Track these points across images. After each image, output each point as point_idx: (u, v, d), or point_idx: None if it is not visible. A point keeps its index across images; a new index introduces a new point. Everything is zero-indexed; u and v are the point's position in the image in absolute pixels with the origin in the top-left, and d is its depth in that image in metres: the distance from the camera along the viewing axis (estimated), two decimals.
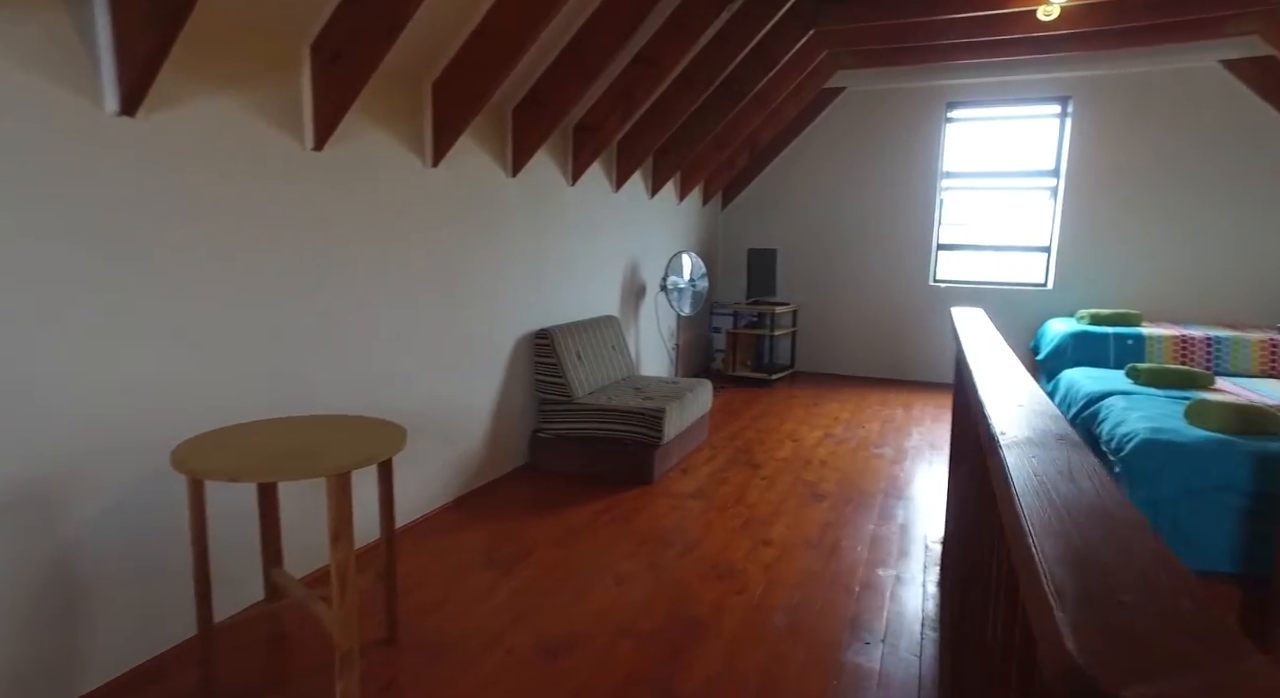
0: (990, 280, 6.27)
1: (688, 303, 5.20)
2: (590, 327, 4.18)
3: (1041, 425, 0.99)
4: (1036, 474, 0.77)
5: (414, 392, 3.00)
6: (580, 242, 4.29)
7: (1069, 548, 0.57)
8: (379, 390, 2.80)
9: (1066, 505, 0.67)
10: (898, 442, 4.50)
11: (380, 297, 2.77)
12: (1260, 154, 5.42)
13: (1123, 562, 0.54)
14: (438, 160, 2.92)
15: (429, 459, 3.15)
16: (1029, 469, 0.78)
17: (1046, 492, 0.71)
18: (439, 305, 3.11)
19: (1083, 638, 0.45)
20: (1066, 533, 0.61)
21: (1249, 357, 4.75)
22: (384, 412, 2.83)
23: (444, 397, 3.20)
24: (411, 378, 2.97)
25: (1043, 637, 0.50)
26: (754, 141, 6.08)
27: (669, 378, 4.44)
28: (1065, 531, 0.61)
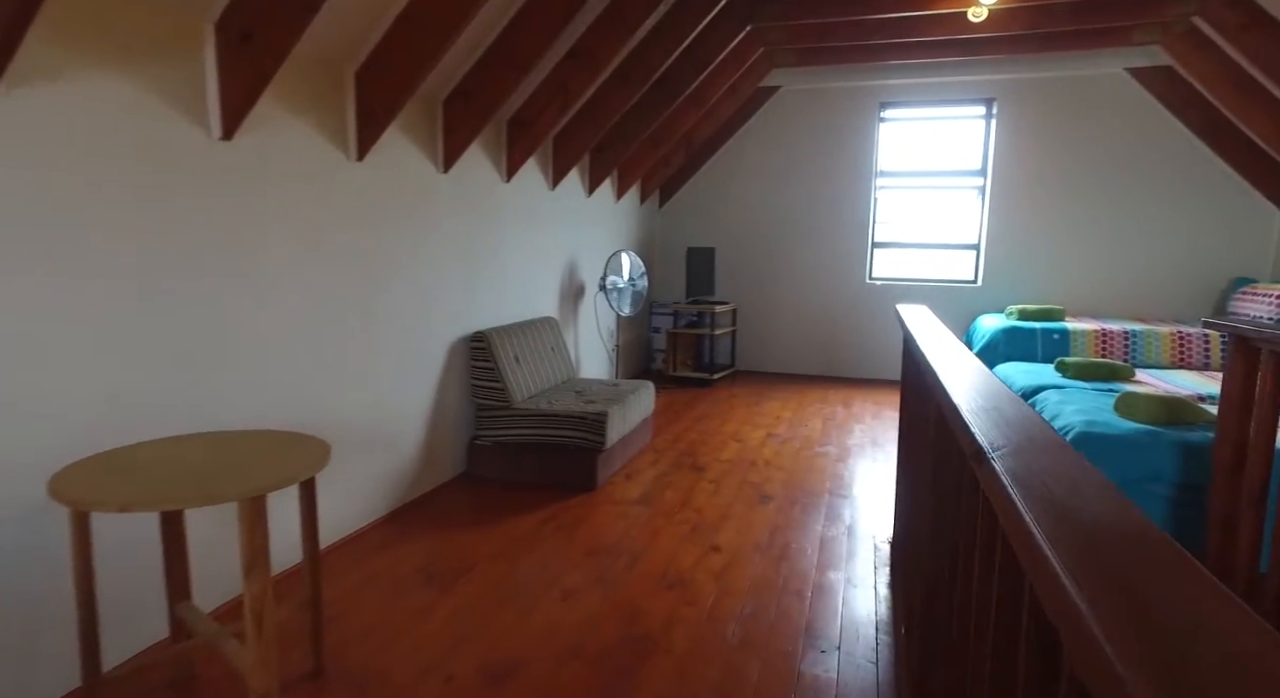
0: (924, 278, 6.38)
1: (628, 303, 5.10)
2: (528, 329, 4.03)
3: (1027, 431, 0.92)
4: (1047, 491, 0.69)
5: (341, 401, 2.80)
6: (517, 240, 4.13)
7: (1122, 598, 0.48)
8: (301, 402, 2.60)
9: (1093, 531, 0.59)
10: (840, 440, 4.50)
11: (302, 300, 2.56)
12: (1163, 158, 5.68)
13: (1190, 618, 0.46)
14: (363, 154, 2.73)
15: (359, 472, 2.95)
16: (1038, 485, 0.70)
17: (1065, 515, 0.63)
18: (367, 309, 2.91)
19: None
20: (1106, 571, 0.52)
21: (1161, 349, 4.95)
22: (307, 424, 2.63)
23: (374, 405, 3.00)
24: (338, 387, 2.78)
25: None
26: (690, 140, 6.02)
27: (610, 380, 4.33)
28: (1107, 569, 0.52)
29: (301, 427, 2.60)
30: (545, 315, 4.43)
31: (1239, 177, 5.59)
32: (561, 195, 4.70)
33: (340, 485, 2.84)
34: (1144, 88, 5.65)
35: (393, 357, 3.10)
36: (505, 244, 4.00)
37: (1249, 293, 5.17)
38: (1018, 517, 0.66)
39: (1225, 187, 5.62)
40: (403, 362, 3.18)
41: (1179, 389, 3.96)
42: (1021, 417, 1.00)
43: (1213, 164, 5.61)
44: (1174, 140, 5.65)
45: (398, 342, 3.13)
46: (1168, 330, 5.00)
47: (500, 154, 3.88)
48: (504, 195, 3.96)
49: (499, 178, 3.90)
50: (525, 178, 4.19)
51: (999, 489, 0.75)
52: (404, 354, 3.18)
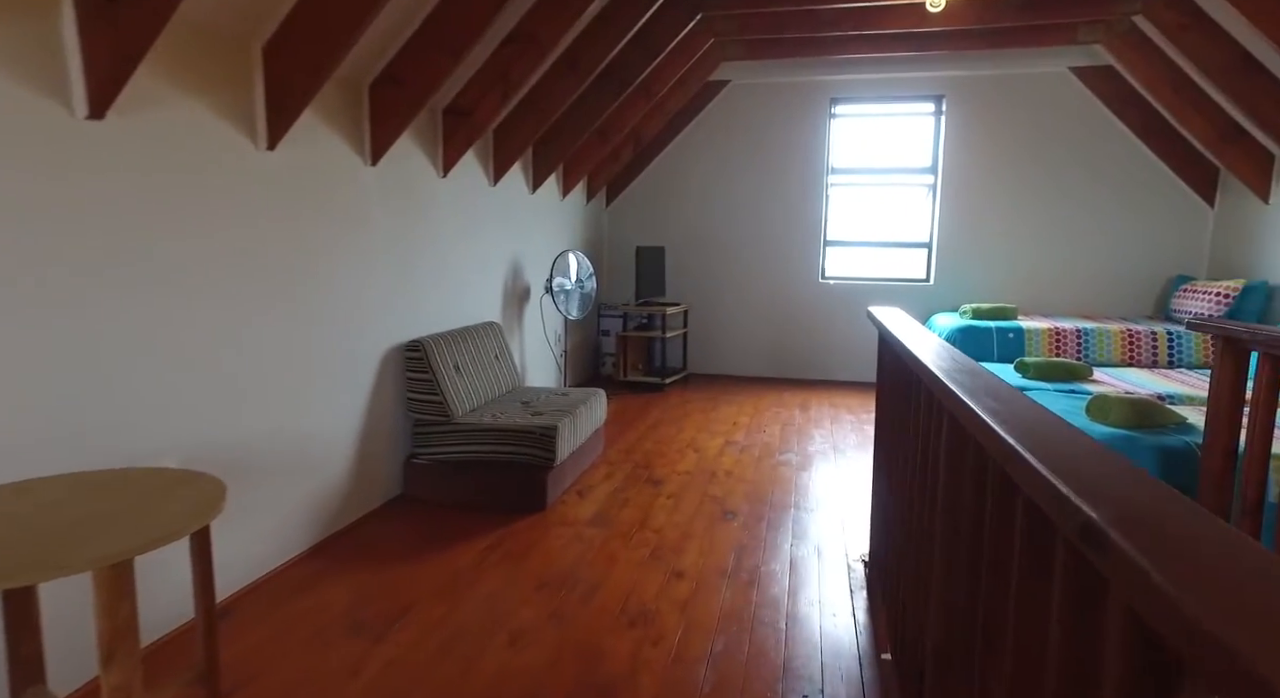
0: (876, 277, 6.29)
1: (576, 305, 4.83)
2: (470, 335, 3.73)
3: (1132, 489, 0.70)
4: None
5: (254, 422, 2.46)
6: (456, 240, 3.82)
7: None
8: (204, 426, 2.25)
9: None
10: (801, 446, 4.33)
11: (205, 307, 2.22)
12: (1105, 158, 5.71)
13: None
14: (275, 141, 2.40)
15: (278, 501, 2.61)
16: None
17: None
18: (284, 315, 2.57)
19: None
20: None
21: (1112, 346, 4.95)
22: (211, 451, 2.29)
23: (295, 425, 2.67)
24: (250, 406, 2.43)
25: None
26: (639, 135, 5.79)
27: (558, 389, 4.05)
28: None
29: (207, 454, 2.26)
30: (488, 320, 4.13)
31: (1175, 176, 5.65)
32: (503, 192, 4.40)
33: (254, 518, 2.50)
34: (1086, 87, 5.66)
35: (317, 369, 2.77)
36: (443, 244, 3.69)
37: (1190, 290, 5.22)
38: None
39: (1163, 186, 5.67)
40: (329, 375, 2.84)
41: (1138, 389, 3.91)
42: (1108, 461, 0.78)
43: (1151, 164, 5.66)
44: (1115, 140, 5.68)
45: (322, 352, 2.79)
46: (1117, 328, 4.99)
47: (436, 146, 3.57)
48: (441, 191, 3.65)
49: (435, 172, 3.59)
50: (464, 173, 3.88)
51: (1143, 590, 0.52)
52: (330, 366, 2.85)
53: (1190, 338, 4.83)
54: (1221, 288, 4.94)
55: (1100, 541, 0.58)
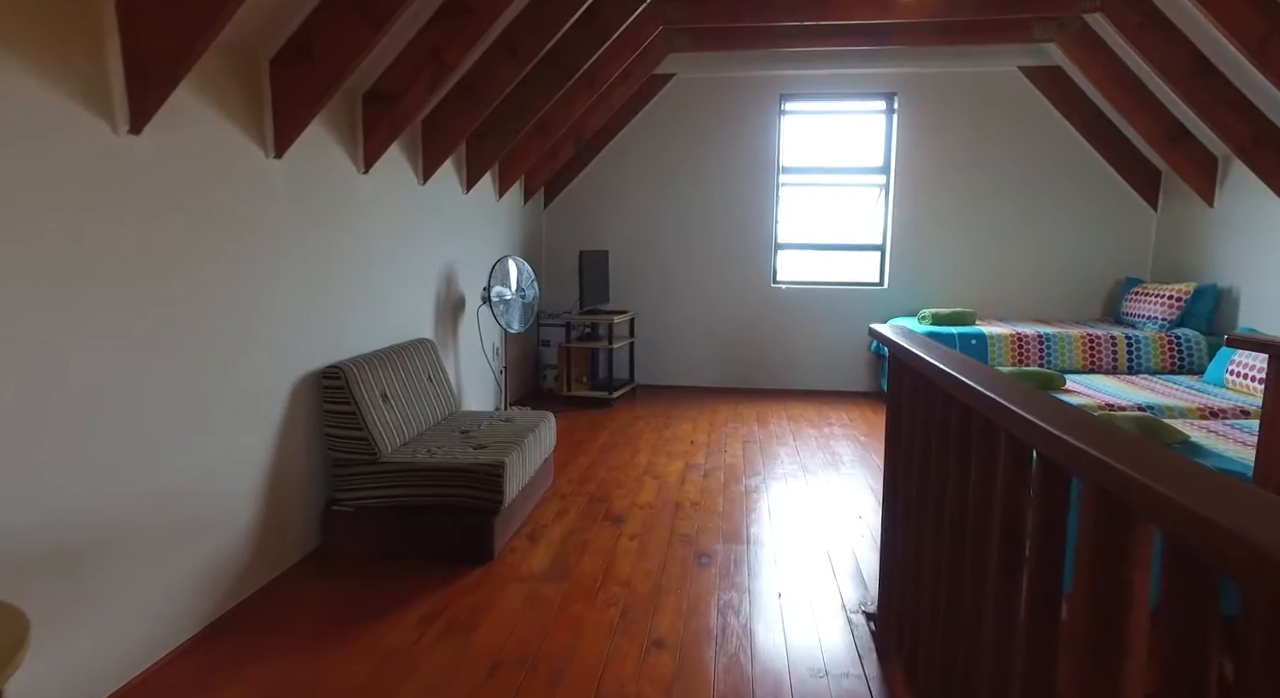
0: (829, 281, 6.05)
1: (517, 317, 4.37)
2: (399, 355, 3.23)
3: None
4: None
5: (125, 481, 1.93)
6: (381, 246, 3.32)
7: None
8: (52, 494, 1.72)
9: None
10: (768, 467, 3.99)
11: (50, 336, 1.69)
12: (1054, 159, 5.62)
13: None
14: (140, 124, 1.87)
15: (152, 580, 2.08)
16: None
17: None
18: (163, 344, 2.05)
19: None
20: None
21: (1073, 351, 4.83)
22: (52, 531, 1.75)
23: (179, 479, 2.14)
24: (119, 461, 1.91)
25: None
26: (580, 131, 5.36)
27: (501, 413, 3.60)
28: None
29: (53, 530, 1.72)
30: (419, 337, 3.63)
31: (1120, 178, 5.62)
32: (434, 192, 3.91)
33: (120, 607, 1.97)
34: (1035, 87, 5.56)
35: (205, 409, 2.24)
36: (366, 251, 3.18)
37: (1140, 293, 5.17)
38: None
39: (1108, 188, 5.63)
40: (222, 414, 2.32)
41: (1115, 399, 3.74)
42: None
43: (1097, 166, 5.61)
44: (1062, 141, 5.60)
45: (214, 387, 2.27)
46: (1078, 333, 4.88)
47: (355, 137, 3.06)
48: (362, 190, 3.14)
49: (354, 167, 3.08)
50: (389, 169, 3.38)
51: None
52: (224, 404, 2.32)
53: (1149, 342, 4.75)
54: (1173, 291, 4.88)
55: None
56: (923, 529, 1.81)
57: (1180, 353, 4.68)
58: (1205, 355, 4.63)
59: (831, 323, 5.93)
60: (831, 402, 5.62)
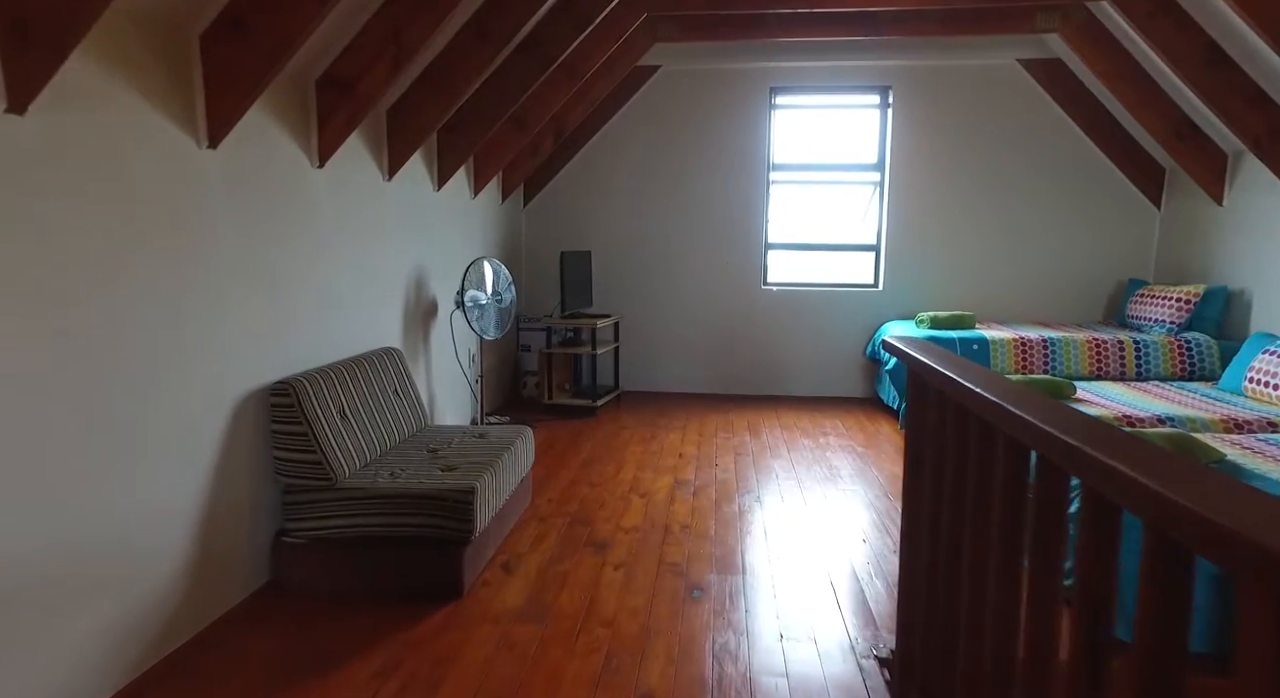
0: (822, 282, 5.81)
1: (493, 323, 4.08)
2: (360, 367, 2.94)
3: None
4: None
5: (34, 523, 1.64)
6: (340, 247, 3.03)
7: None
8: None
9: None
10: (762, 483, 3.74)
11: None
12: (1053, 155, 5.42)
13: None
14: (23, 103, 1.58)
15: (66, 628, 1.79)
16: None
17: None
18: (62, 362, 1.76)
19: None
20: None
21: (1079, 357, 4.61)
22: None
23: (93, 517, 1.85)
24: (27, 500, 1.61)
25: None
26: (561, 124, 5.08)
27: (474, 428, 3.31)
28: None
29: None
30: (385, 346, 3.34)
31: (1122, 176, 5.42)
32: (402, 189, 3.62)
33: (25, 661, 1.67)
34: (1035, 80, 5.35)
35: (128, 438, 1.95)
36: (322, 252, 2.89)
37: (1146, 295, 4.97)
38: None
39: (1110, 186, 5.43)
40: (148, 442, 2.02)
41: (1131, 410, 3.52)
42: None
43: (1099, 162, 5.40)
44: (1063, 137, 5.39)
45: (135, 413, 1.98)
46: (1083, 338, 4.66)
47: (308, 127, 2.77)
48: (317, 185, 2.85)
49: (308, 161, 2.79)
50: (349, 163, 3.09)
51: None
52: (149, 431, 2.03)
53: (1158, 347, 4.54)
54: (1181, 293, 4.68)
55: None
56: (956, 575, 1.56)
57: (1191, 358, 4.47)
58: (1217, 361, 4.43)
59: (824, 327, 5.70)
60: (825, 409, 5.38)
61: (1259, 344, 3.92)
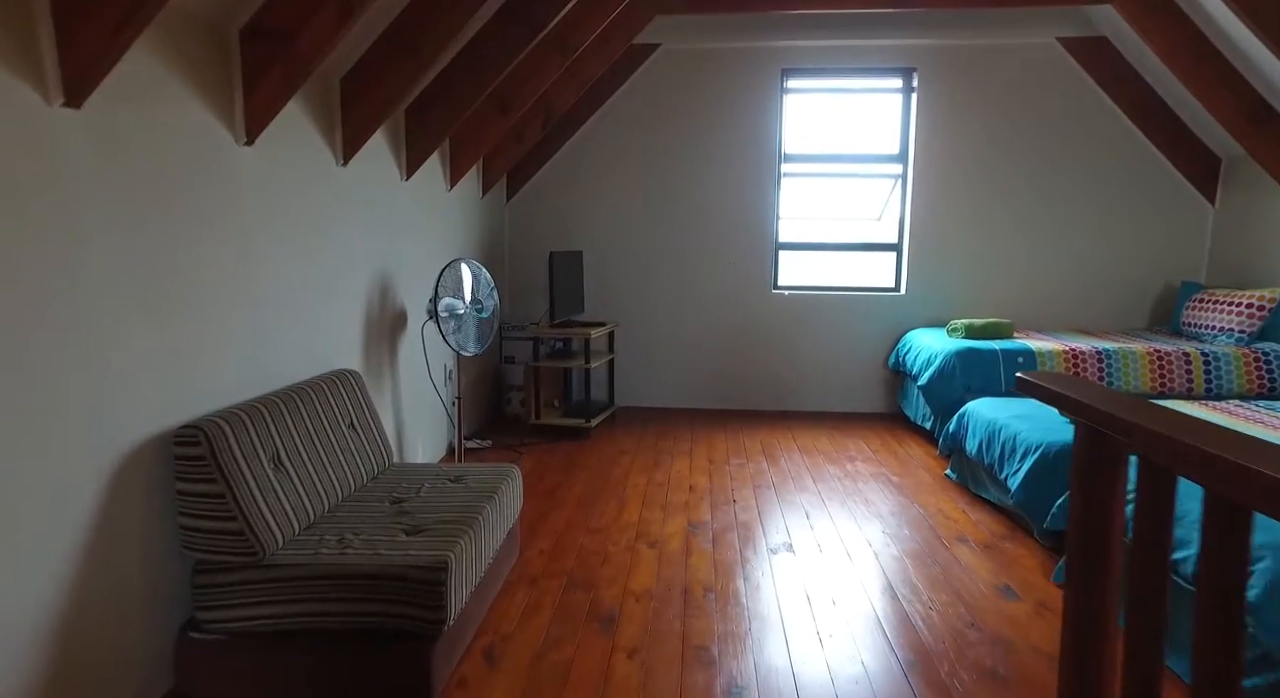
0: (838, 286, 5.25)
1: (472, 337, 3.47)
2: (303, 399, 2.33)
3: None
4: None
5: None
6: (275, 246, 2.41)
7: None
8: None
9: None
10: (792, 524, 3.16)
11: None
12: (1096, 145, 4.89)
13: None
14: None
15: None
16: None
17: None
18: None
19: None
20: None
21: (1139, 371, 4.08)
22: None
23: None
24: None
25: None
26: (549, 107, 4.48)
27: (450, 469, 2.70)
28: None
29: None
30: (339, 369, 2.72)
31: (1173, 167, 4.91)
32: (362, 176, 3.00)
33: None
34: (1076, 62, 4.82)
35: None
36: (253, 254, 2.27)
37: (1205, 300, 4.46)
38: None
39: (1159, 178, 4.91)
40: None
41: None
42: None
43: (1147, 152, 4.89)
44: (1106, 125, 4.88)
45: None
46: (1142, 349, 4.14)
47: (229, 90, 2.15)
48: (242, 167, 2.23)
49: (229, 135, 2.16)
50: (290, 141, 2.47)
51: None
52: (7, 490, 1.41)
53: (1229, 359, 4.02)
54: (1251, 298, 4.17)
55: None
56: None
57: (1270, 373, 3.96)
58: None
59: (841, 335, 5.14)
60: (845, 427, 4.82)
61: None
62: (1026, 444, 3.02)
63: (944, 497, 3.54)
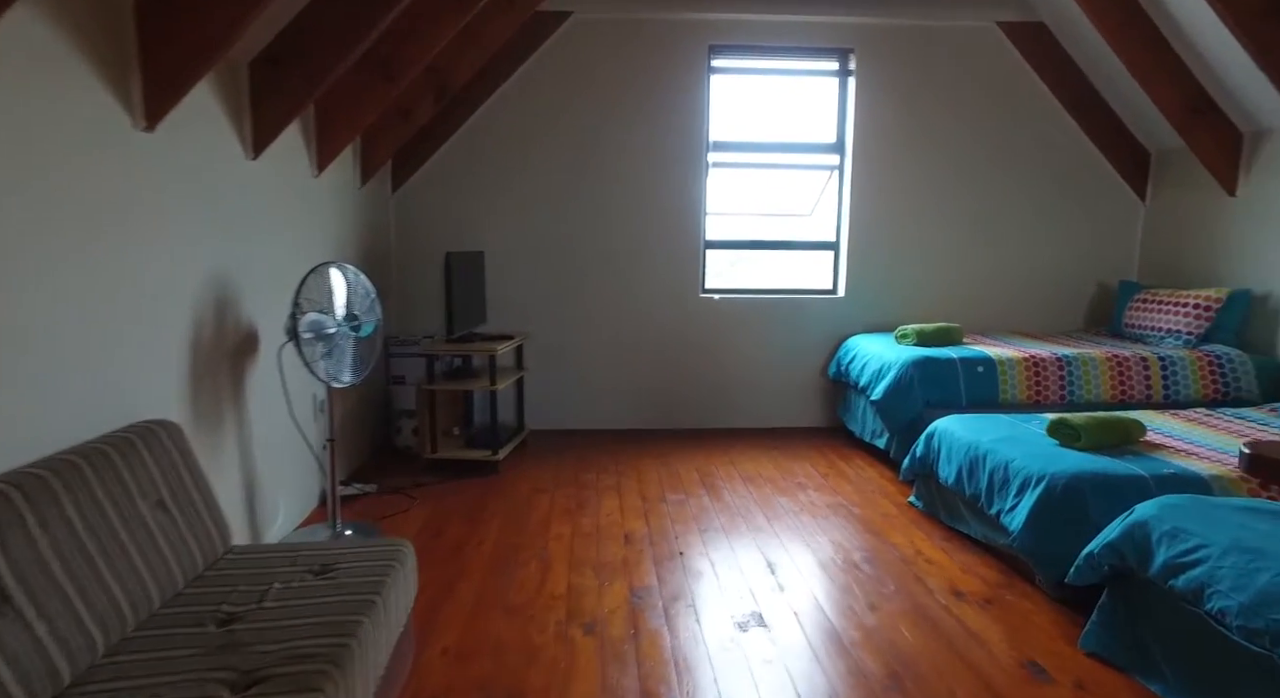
0: (771, 288, 4.77)
1: (348, 364, 2.71)
2: (68, 478, 1.54)
3: None
4: None
5: None
6: (41, 256, 1.60)
7: None
8: None
9: None
10: (754, 583, 2.59)
11: None
12: (1033, 137, 4.63)
13: None
14: None
15: None
16: None
17: None
18: None
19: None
20: None
21: (1100, 378, 3.80)
22: None
23: None
24: None
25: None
26: (444, 79, 3.74)
27: (315, 552, 1.96)
28: None
29: None
30: (142, 422, 1.92)
31: (1106, 162, 4.72)
32: (184, 151, 2.20)
33: None
34: (1015, 47, 4.54)
35: None
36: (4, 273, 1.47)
37: (1149, 300, 4.25)
38: None
39: (1093, 173, 4.72)
40: None
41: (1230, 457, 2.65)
42: None
43: (1081, 146, 4.68)
44: (1044, 116, 4.62)
45: None
46: (1100, 354, 3.85)
47: None
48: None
49: None
50: (51, 91, 1.66)
51: None
52: None
53: (1185, 363, 3.79)
54: (1198, 299, 3.97)
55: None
56: None
57: (1223, 377, 3.75)
58: (1255, 380, 3.73)
59: (776, 342, 4.66)
60: (786, 446, 4.33)
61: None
62: (1024, 475, 2.58)
63: (916, 533, 3.08)
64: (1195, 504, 2.09)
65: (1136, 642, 2.08)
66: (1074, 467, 2.50)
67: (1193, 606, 1.89)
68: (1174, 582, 1.93)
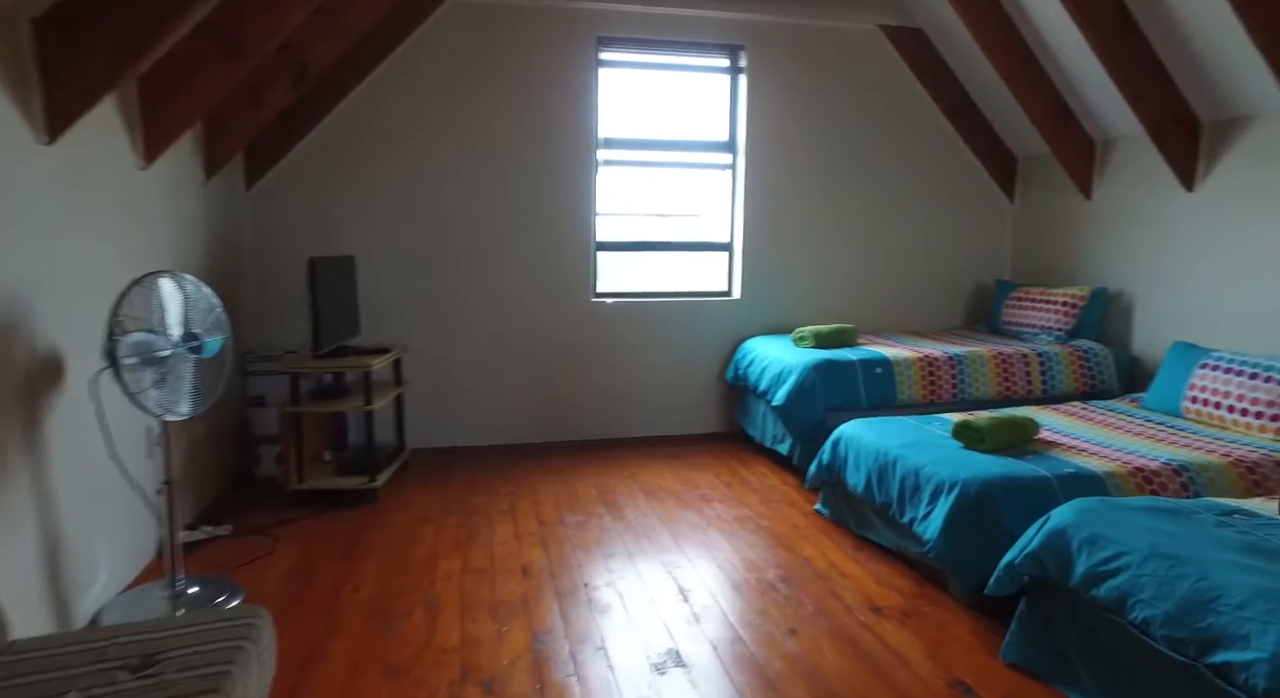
0: (666, 292, 4.61)
1: (186, 390, 2.28)
2: None
3: None
4: None
5: None
6: None
7: None
8: None
9: None
10: (669, 613, 2.39)
11: None
12: (917, 141, 4.73)
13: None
14: None
15: None
16: None
17: None
18: None
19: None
20: None
21: (987, 375, 3.89)
22: None
23: None
24: None
25: None
26: (302, 61, 3.30)
27: (133, 636, 1.57)
28: None
29: None
30: None
31: (979, 165, 4.89)
32: None
33: None
34: (897, 51, 4.61)
35: None
36: None
37: (1023, 298, 4.43)
38: None
39: (968, 176, 4.88)
40: None
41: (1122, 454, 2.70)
42: None
43: (957, 149, 4.83)
44: (923, 119, 4.73)
45: None
46: (988, 352, 3.95)
47: None
48: None
49: None
50: None
51: None
52: None
53: (1059, 359, 3.94)
54: (1066, 296, 4.16)
55: None
56: None
57: (1089, 371, 3.93)
58: (1115, 374, 3.93)
59: (672, 347, 4.51)
60: (685, 455, 4.18)
61: (1187, 358, 3.37)
62: (936, 481, 2.53)
63: (826, 543, 2.99)
64: (1107, 508, 2.08)
65: (1057, 651, 2.04)
66: (984, 472, 2.47)
67: (1115, 615, 1.86)
68: (1096, 591, 1.89)
